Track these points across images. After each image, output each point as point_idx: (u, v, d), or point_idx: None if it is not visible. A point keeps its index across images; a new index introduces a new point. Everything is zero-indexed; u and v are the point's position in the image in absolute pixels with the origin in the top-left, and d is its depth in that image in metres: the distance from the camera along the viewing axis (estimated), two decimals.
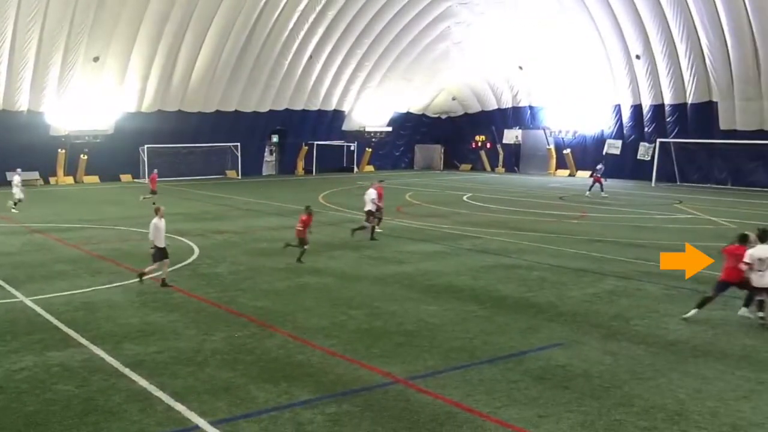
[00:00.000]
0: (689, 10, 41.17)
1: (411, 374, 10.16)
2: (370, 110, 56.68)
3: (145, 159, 45.37)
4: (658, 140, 45.69)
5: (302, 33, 47.62)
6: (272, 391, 9.47)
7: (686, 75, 43.87)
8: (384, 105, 57.23)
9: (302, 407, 8.91)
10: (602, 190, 36.63)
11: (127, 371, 10.16)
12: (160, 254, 15.47)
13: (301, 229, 18.64)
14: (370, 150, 57.70)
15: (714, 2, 39.75)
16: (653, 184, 43.93)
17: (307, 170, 54.11)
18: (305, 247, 18.64)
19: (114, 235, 23.19)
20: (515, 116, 56.78)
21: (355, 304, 14.17)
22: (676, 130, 45.61)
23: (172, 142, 46.12)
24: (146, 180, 43.67)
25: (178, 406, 8.89)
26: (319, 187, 41.34)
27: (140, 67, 43.02)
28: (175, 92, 45.61)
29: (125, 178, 46.34)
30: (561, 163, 53.66)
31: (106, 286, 15.66)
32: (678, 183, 44.72)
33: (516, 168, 56.79)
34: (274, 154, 54.93)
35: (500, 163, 57.74)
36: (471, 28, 52.41)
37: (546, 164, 54.61)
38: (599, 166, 38.29)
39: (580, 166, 51.88)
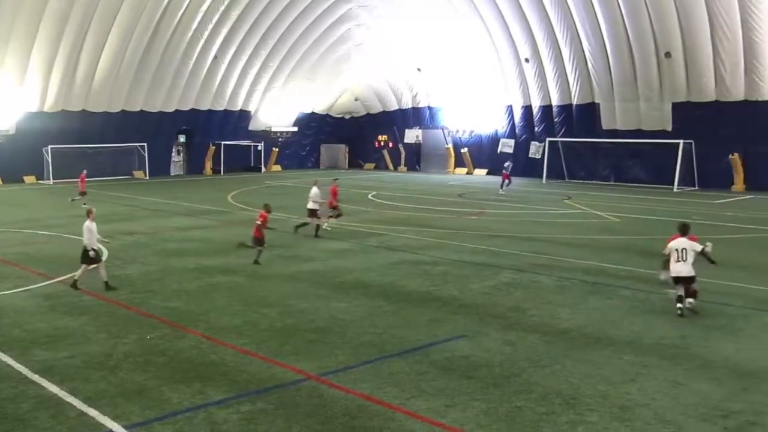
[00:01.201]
0: (572, 17, 42.73)
1: (323, 370, 10.12)
2: (276, 110, 56.06)
3: (50, 160, 43.39)
4: (548, 139, 47.12)
5: (206, 33, 46.70)
6: (186, 392, 9.24)
7: (571, 78, 45.39)
8: (289, 105, 56.74)
9: (217, 407, 8.74)
10: (502, 188, 37.57)
11: (36, 377, 9.69)
12: (86, 257, 14.78)
13: (259, 224, 18.10)
14: (277, 150, 57.08)
15: (594, 10, 41.41)
16: (544, 181, 45.26)
17: (215, 170, 53.05)
18: (262, 247, 18.15)
19: (19, 239, 22.05)
20: (415, 116, 57.41)
21: (268, 303, 14.01)
22: (563, 130, 47.12)
23: (78, 142, 44.13)
24: (51, 182, 42.01)
25: (91, 411, 8.55)
26: (227, 187, 40.61)
27: (41, 67, 41.01)
28: (78, 92, 43.75)
29: (29, 179, 44.09)
30: (459, 162, 54.54)
31: (12, 291, 14.88)
32: (566, 180, 46.09)
33: (417, 166, 57.41)
34: (181, 154, 53.43)
35: (402, 161, 58.24)
36: (371, 30, 52.71)
37: (445, 163, 55.41)
38: (507, 164, 39.65)
39: (477, 165, 52.97)
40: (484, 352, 10.96)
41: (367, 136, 60.90)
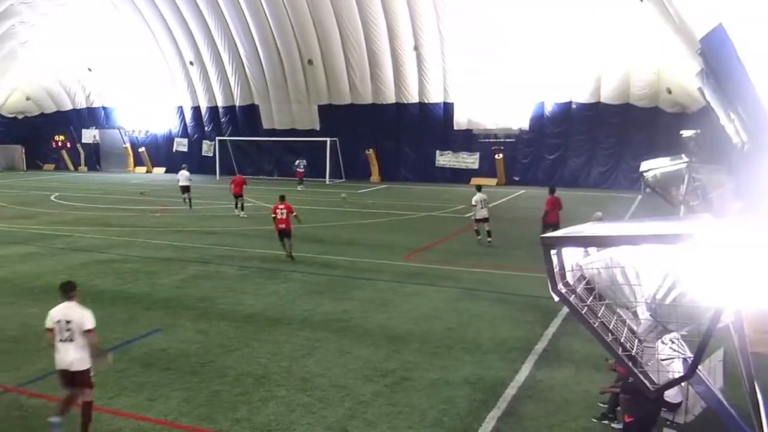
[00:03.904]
0: (228, 23, 42.36)
1: (22, 380, 9.09)
2: None
3: None
4: (217, 138, 46.48)
5: None
6: None
7: (232, 80, 45.19)
8: None
9: None
10: (300, 183, 38.40)
11: None
12: None
13: (284, 218, 16.96)
14: None
15: (246, 19, 41.48)
16: (218, 178, 44.40)
17: None
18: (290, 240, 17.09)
19: None
20: (90, 116, 52.71)
21: None
22: (230, 129, 46.94)
23: None
24: None
25: None
26: None
27: None
28: None
29: None
30: (138, 161, 51.43)
31: None
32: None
33: (98, 166, 52.88)
34: None
35: (82, 161, 53.16)
36: (36, 28, 46.85)
37: (125, 162, 51.75)
38: (297, 162, 39.87)
39: (155, 163, 50.51)
40: (180, 343, 10.72)
41: (43, 136, 53.93)
